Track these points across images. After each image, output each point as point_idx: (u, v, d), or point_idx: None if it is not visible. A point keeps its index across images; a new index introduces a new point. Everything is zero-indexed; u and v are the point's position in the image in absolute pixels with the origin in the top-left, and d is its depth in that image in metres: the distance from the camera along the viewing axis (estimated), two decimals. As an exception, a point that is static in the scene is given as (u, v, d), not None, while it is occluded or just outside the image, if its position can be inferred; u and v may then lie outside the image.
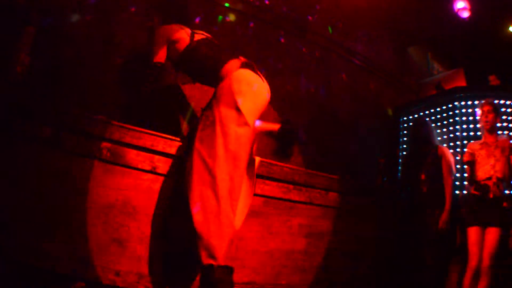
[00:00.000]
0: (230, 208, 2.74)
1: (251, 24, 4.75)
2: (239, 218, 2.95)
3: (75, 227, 2.90)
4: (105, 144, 3.02)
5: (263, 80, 3.12)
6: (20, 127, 2.81)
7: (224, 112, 2.84)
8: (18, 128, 2.81)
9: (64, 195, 2.90)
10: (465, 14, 6.24)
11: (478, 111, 4.35)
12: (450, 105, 5.33)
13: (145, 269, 3.04)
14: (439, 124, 5.29)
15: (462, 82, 5.67)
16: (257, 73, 3.12)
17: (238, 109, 2.83)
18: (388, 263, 4.25)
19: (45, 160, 2.89)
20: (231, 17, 4.63)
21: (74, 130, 2.95)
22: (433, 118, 5.41)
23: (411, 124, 5.56)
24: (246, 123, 2.83)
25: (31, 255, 2.75)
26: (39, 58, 3.31)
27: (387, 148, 5.62)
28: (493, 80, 5.47)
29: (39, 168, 2.86)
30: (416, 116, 5.71)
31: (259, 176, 3.42)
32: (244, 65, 3.09)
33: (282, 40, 4.96)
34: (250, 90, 2.94)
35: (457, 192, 4.80)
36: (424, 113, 5.59)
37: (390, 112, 5.77)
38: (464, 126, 5.10)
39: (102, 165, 3.01)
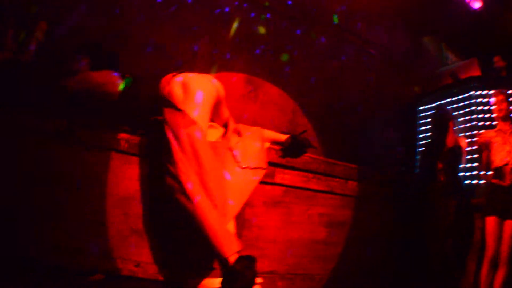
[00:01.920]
0: (210, 203, 2.62)
1: (263, 14, 4.63)
2: (232, 209, 2.85)
3: (93, 219, 2.82)
4: (122, 135, 2.93)
5: (202, 75, 3.03)
6: (34, 121, 2.74)
7: (170, 119, 2.75)
8: (32, 122, 2.74)
9: (82, 188, 2.82)
10: (477, 5, 6.08)
11: (492, 100, 4.24)
12: (465, 95, 5.20)
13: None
14: (455, 113, 5.13)
15: (476, 72, 5.51)
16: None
17: (179, 111, 2.74)
18: (406, 252, 4.11)
19: (63, 153, 2.80)
20: (244, 7, 4.53)
21: (90, 122, 2.88)
22: (449, 107, 5.24)
23: (430, 113, 5.43)
24: (192, 122, 2.72)
25: (49, 249, 2.68)
26: (50, 52, 3.24)
27: (405, 137, 5.48)
28: (497, 61, 5.33)
29: (56, 161, 2.78)
30: (432, 105, 5.56)
31: (278, 165, 3.33)
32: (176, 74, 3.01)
33: (296, 30, 4.83)
34: (186, 90, 2.85)
35: (474, 182, 4.65)
36: (440, 102, 5.45)
37: (417, 89, 5.60)
38: (480, 116, 4.97)
39: (120, 156, 2.92)
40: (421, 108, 5.74)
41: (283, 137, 3.44)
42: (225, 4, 4.46)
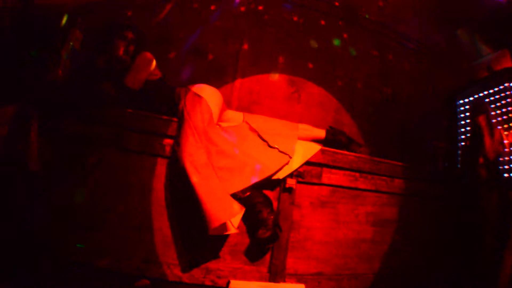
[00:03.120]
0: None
1: (301, 12, 4.55)
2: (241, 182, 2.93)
3: (139, 224, 2.79)
4: (167, 141, 2.90)
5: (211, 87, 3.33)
6: (80, 129, 2.76)
7: (189, 105, 3.02)
8: (77, 130, 2.75)
9: (128, 193, 2.80)
10: (504, -5, 5.85)
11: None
12: (501, 87, 5.00)
13: (212, 264, 2.90)
14: (492, 106, 4.95)
15: (508, 63, 5.31)
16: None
17: (200, 98, 3.07)
18: (450, 249, 3.94)
19: (108, 159, 2.79)
20: (286, 8, 4.48)
21: (136, 129, 2.85)
22: (486, 100, 5.06)
23: (468, 107, 5.25)
24: (208, 107, 3.05)
25: (94, 254, 2.67)
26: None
27: (446, 132, 5.31)
28: None
29: (102, 167, 2.77)
30: (471, 98, 5.38)
31: (325, 165, 3.23)
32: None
33: (335, 28, 4.70)
34: (204, 92, 3.16)
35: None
36: (478, 95, 5.26)
37: (460, 78, 5.50)
38: (516, 108, 4.76)
39: (165, 162, 2.89)
40: (460, 102, 5.55)
41: (322, 133, 3.54)
42: (267, 6, 4.40)
